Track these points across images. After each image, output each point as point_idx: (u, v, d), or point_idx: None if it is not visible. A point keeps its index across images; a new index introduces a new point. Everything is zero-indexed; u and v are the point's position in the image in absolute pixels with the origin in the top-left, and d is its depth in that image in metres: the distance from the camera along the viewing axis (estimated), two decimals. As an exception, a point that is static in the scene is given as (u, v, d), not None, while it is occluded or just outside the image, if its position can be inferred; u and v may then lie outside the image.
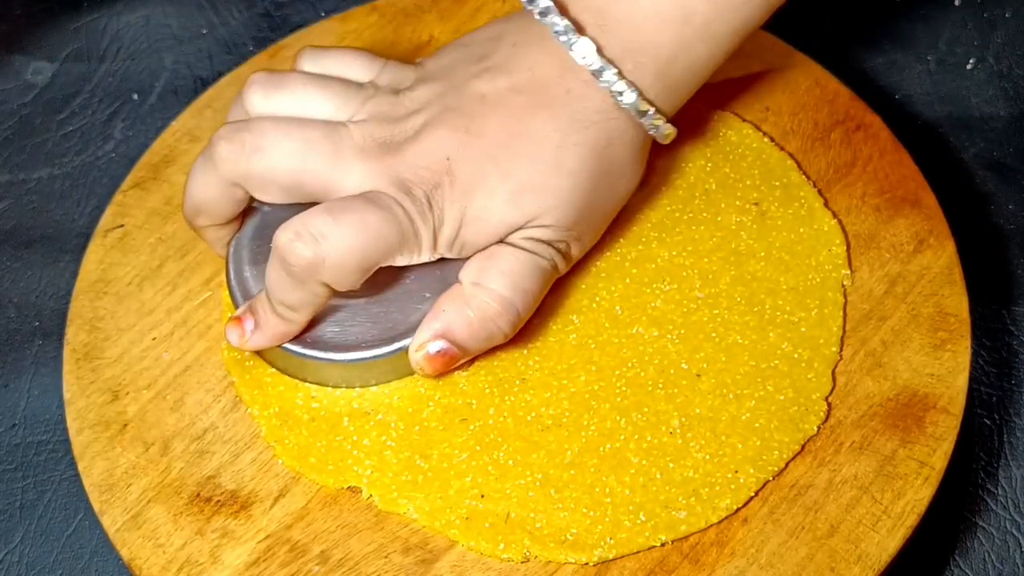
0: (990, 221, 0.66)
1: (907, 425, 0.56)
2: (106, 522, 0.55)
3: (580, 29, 0.56)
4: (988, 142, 0.69)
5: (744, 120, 0.64)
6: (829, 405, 0.56)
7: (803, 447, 0.55)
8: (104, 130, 0.71)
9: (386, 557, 0.53)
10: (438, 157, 0.54)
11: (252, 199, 0.56)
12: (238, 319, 0.56)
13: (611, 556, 0.53)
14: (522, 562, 0.53)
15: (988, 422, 0.60)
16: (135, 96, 0.72)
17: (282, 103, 0.56)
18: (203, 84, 0.71)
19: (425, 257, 0.55)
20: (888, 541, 0.53)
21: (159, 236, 0.62)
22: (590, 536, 0.53)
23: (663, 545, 0.53)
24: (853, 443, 0.55)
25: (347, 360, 0.56)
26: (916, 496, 0.54)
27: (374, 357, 0.56)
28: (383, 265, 0.54)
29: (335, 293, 0.55)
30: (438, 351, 0.55)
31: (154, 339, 0.59)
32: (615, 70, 0.55)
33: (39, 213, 0.68)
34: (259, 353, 0.58)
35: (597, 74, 0.55)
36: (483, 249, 0.56)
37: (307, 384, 0.57)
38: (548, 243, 0.56)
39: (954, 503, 0.58)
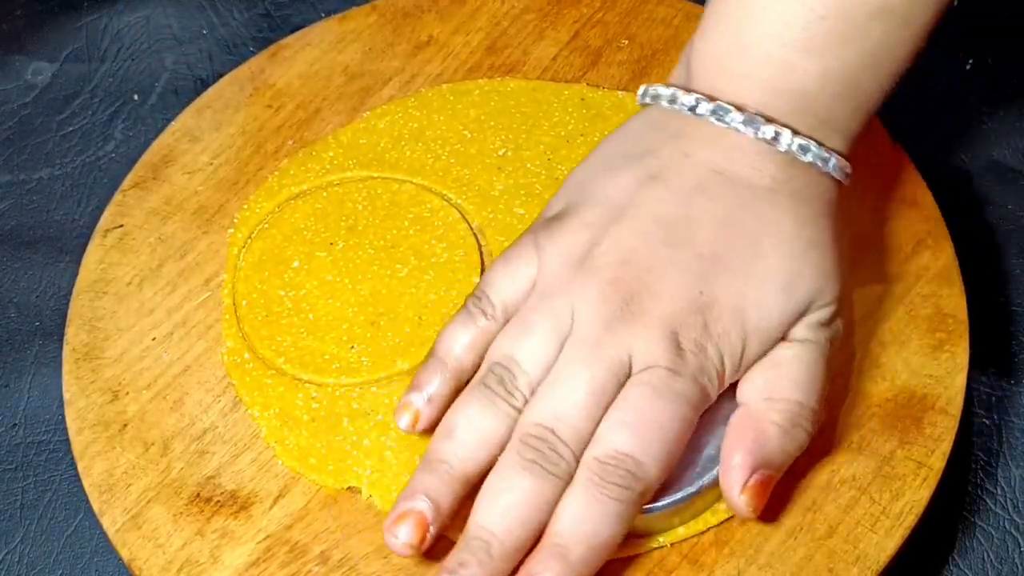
0: (988, 221, 0.66)
1: (905, 426, 0.56)
2: (106, 522, 0.55)
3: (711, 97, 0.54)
4: (987, 142, 0.68)
5: (743, 121, 0.64)
6: (827, 405, 0.56)
7: (802, 447, 0.55)
8: (104, 130, 0.71)
9: (386, 558, 0.53)
10: (690, 295, 0.52)
11: None
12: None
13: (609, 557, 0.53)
14: (521, 562, 0.53)
15: (987, 422, 0.60)
16: (135, 96, 0.72)
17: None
18: (203, 84, 0.71)
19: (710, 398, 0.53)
20: (887, 541, 0.53)
21: (159, 236, 0.62)
22: (589, 536, 0.53)
23: (661, 547, 0.53)
24: (851, 443, 0.55)
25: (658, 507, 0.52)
26: (914, 496, 0.54)
27: (678, 500, 0.53)
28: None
29: None
30: (758, 482, 0.52)
31: (154, 339, 0.59)
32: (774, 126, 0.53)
33: (39, 213, 0.68)
34: None
35: (773, 142, 0.53)
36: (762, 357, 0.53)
37: (307, 384, 0.57)
38: (826, 324, 0.53)
39: (953, 503, 0.58)
